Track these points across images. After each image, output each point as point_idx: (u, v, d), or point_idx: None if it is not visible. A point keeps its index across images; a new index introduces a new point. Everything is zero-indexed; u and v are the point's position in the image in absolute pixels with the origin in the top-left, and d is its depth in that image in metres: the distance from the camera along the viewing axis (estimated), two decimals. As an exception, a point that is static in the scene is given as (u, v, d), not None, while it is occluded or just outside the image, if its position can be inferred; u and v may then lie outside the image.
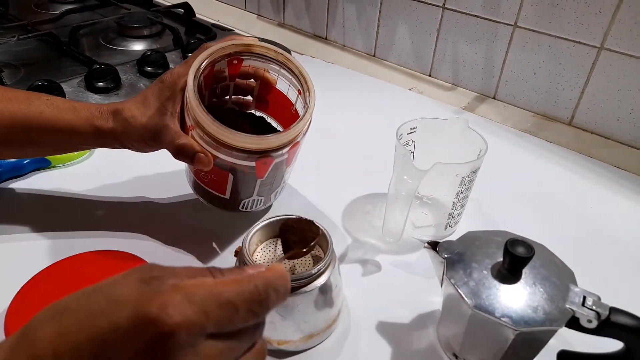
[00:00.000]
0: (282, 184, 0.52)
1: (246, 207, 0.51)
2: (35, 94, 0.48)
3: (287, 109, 0.51)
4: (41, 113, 0.46)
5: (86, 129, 0.46)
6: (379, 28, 0.91)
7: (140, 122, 0.45)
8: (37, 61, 0.85)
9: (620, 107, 0.69)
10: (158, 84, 0.46)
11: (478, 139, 0.50)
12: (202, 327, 0.22)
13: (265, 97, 0.53)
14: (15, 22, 0.96)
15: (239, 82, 0.52)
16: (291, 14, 1.04)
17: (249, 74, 0.51)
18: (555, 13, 0.69)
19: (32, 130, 0.46)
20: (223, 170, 0.46)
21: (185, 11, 1.05)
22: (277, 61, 0.48)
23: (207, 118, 0.42)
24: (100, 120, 0.46)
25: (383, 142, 0.57)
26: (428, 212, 0.55)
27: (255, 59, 0.48)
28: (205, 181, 0.49)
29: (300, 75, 0.48)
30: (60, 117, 0.46)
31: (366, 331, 0.44)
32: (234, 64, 0.49)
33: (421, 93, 0.85)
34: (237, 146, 0.43)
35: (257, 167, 0.45)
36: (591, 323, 0.35)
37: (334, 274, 0.41)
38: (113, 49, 0.92)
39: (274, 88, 0.52)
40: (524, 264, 0.36)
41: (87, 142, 0.48)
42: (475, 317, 0.36)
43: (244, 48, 0.47)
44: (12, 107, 0.46)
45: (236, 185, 0.47)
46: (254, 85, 0.53)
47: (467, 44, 0.80)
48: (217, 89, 0.52)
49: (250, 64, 0.50)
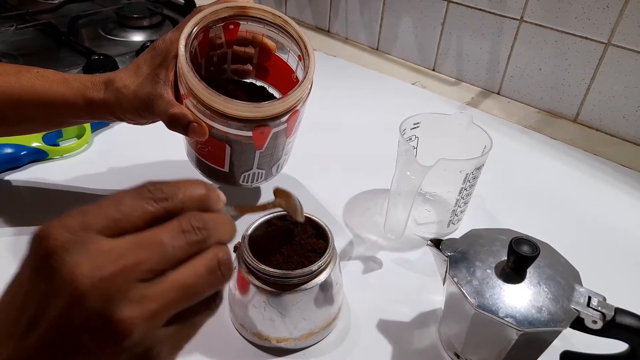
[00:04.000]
0: (284, 156, 0.50)
1: (247, 181, 0.49)
2: (26, 68, 0.46)
3: (288, 76, 0.49)
4: (32, 86, 0.44)
5: (78, 100, 0.45)
6: (382, 21, 0.90)
7: (132, 91, 0.43)
8: (35, 51, 0.85)
9: (626, 104, 0.68)
10: (150, 51, 0.44)
11: (482, 135, 0.49)
12: (82, 222, 0.22)
13: (264, 64, 0.51)
14: (14, 11, 0.95)
15: (236, 49, 0.49)
16: (293, 6, 1.03)
17: (247, 40, 0.49)
18: (562, 8, 0.68)
19: (24, 105, 0.45)
20: (220, 142, 0.44)
21: (185, 2, 1.05)
22: (274, 24, 0.46)
23: (200, 85, 0.40)
24: (92, 91, 0.45)
25: (386, 137, 0.56)
26: (431, 209, 0.54)
27: (252, 22, 0.46)
28: (203, 153, 0.47)
29: (299, 39, 0.45)
30: (51, 89, 0.45)
31: (366, 329, 0.43)
32: (230, 29, 0.47)
33: (424, 88, 0.84)
34: (232, 114, 0.41)
35: (254, 137, 0.43)
36: (596, 324, 0.34)
37: (335, 271, 0.40)
38: (112, 39, 0.91)
39: (273, 55, 0.49)
40: (528, 263, 0.35)
41: (79, 115, 0.46)
42: (478, 317, 0.35)
43: (238, 11, 0.44)
44: (1, 82, 0.44)
45: (234, 158, 0.46)
46: (252, 53, 0.50)
47: (471, 39, 0.79)
48: (214, 57, 0.50)
49: (247, 29, 0.47)
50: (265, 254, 0.40)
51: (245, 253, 0.39)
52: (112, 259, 0.21)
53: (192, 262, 0.23)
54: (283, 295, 0.38)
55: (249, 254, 0.39)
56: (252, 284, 0.38)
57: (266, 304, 0.38)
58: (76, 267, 0.20)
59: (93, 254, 0.21)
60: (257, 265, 0.38)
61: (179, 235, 0.23)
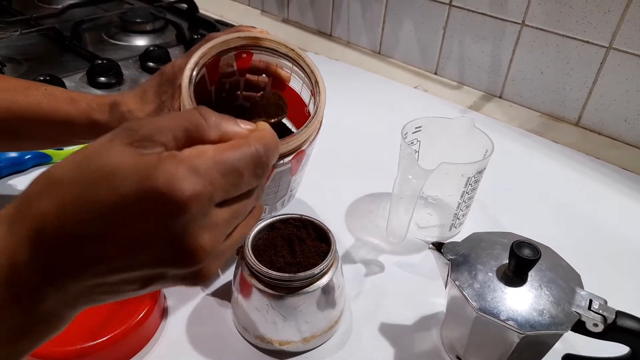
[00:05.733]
0: (290, 192, 0.49)
1: None
2: (35, 84, 0.47)
3: (301, 109, 0.48)
4: (39, 104, 0.45)
5: (83, 121, 0.45)
6: (384, 25, 0.90)
7: (136, 117, 0.43)
8: (39, 56, 0.85)
9: (628, 108, 0.68)
10: (158, 77, 0.44)
11: (484, 139, 0.49)
12: (211, 197, 0.22)
13: None
14: (18, 16, 0.96)
15: (250, 77, 0.48)
16: (295, 9, 1.04)
17: (260, 69, 0.47)
18: (563, 12, 0.69)
19: (29, 122, 0.45)
20: None
21: (188, 6, 1.05)
22: (288, 57, 0.44)
23: None
24: (97, 113, 0.45)
25: (387, 140, 0.56)
26: (433, 213, 0.54)
27: (266, 53, 0.45)
28: None
29: (311, 74, 0.44)
30: (58, 108, 0.45)
31: (368, 332, 0.43)
32: (242, 58, 0.46)
33: (426, 91, 0.85)
34: None
35: None
36: (597, 327, 0.34)
37: (337, 274, 0.40)
38: (115, 44, 0.92)
39: (287, 86, 0.48)
40: (530, 267, 0.36)
41: (83, 135, 0.46)
42: (479, 320, 0.35)
43: (251, 41, 0.43)
44: (10, 98, 0.45)
45: None
46: (266, 82, 0.49)
47: (473, 42, 0.80)
48: (226, 84, 0.49)
49: (260, 59, 0.46)
50: (267, 257, 0.40)
51: (248, 256, 0.39)
52: (224, 232, 0.25)
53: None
54: (285, 298, 0.38)
55: (251, 257, 0.39)
56: (254, 287, 0.39)
57: (269, 307, 0.39)
58: (201, 244, 0.23)
59: (214, 228, 0.23)
60: (259, 268, 0.38)
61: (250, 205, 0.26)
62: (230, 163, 0.23)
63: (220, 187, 0.23)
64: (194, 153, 0.23)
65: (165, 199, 0.21)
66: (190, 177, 0.21)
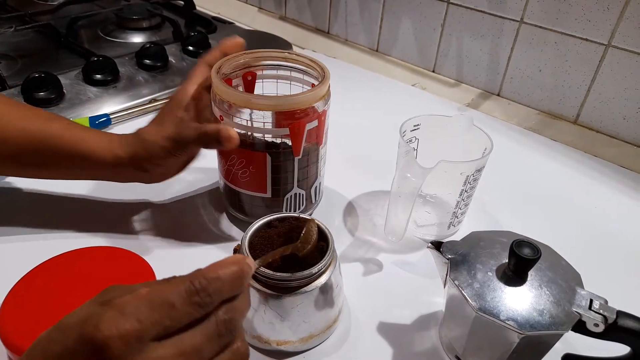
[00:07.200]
0: (318, 177, 0.52)
1: (289, 207, 0.50)
2: (56, 116, 0.48)
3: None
4: (61, 136, 0.46)
5: (104, 154, 0.46)
6: (382, 22, 0.90)
7: (159, 135, 0.45)
8: (34, 53, 0.84)
9: (626, 106, 0.68)
10: (169, 102, 0.46)
11: (483, 137, 0.49)
12: (138, 332, 0.24)
13: None
14: (13, 12, 0.95)
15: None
16: (293, 7, 1.03)
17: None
18: (562, 9, 0.68)
19: (49, 152, 0.46)
20: (260, 153, 0.46)
21: (185, 3, 1.04)
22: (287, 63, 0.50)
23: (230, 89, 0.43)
24: (120, 147, 0.46)
25: (385, 138, 0.56)
26: (431, 211, 0.54)
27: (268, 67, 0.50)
28: (244, 181, 0.48)
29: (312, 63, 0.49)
30: (81, 139, 0.46)
31: (367, 332, 0.43)
32: (248, 80, 0.50)
33: (424, 89, 0.84)
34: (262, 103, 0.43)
35: (290, 132, 0.44)
36: (598, 327, 0.34)
37: (335, 273, 0.40)
38: (111, 41, 0.91)
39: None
40: (530, 266, 0.35)
41: (102, 169, 0.47)
42: (479, 320, 0.35)
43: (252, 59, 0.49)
44: (32, 126, 0.46)
45: (276, 173, 0.47)
46: None
47: (471, 40, 0.79)
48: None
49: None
50: (265, 256, 0.39)
51: (245, 255, 0.38)
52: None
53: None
54: (283, 298, 0.38)
55: (248, 257, 0.38)
56: (251, 286, 0.38)
57: (266, 306, 0.38)
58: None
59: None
60: (256, 267, 0.37)
61: (214, 339, 0.26)
62: (158, 297, 0.25)
63: (152, 322, 0.24)
64: (127, 298, 0.25)
65: (88, 341, 0.23)
66: (114, 318, 0.23)
